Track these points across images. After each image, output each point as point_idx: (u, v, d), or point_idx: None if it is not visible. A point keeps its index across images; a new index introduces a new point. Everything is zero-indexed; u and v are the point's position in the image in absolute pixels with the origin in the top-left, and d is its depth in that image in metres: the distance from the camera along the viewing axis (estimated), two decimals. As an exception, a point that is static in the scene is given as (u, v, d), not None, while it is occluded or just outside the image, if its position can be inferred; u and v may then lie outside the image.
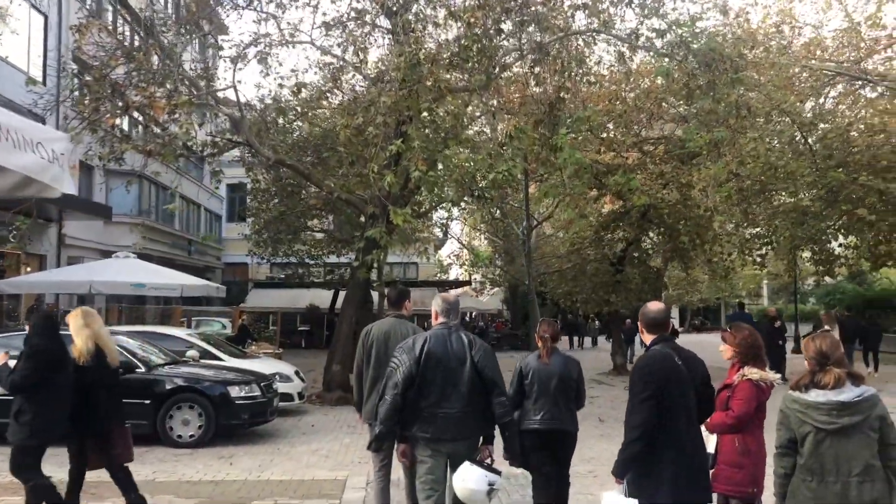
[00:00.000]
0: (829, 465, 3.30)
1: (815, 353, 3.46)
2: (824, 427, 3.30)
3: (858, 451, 3.28)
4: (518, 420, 5.16)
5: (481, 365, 4.39)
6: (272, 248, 26.77)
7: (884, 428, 3.33)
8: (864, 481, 3.26)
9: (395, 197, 13.91)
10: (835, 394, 3.32)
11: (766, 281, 49.03)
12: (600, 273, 20.69)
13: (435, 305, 4.75)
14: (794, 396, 3.44)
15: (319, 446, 9.20)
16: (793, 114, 15.22)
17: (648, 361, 3.96)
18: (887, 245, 18.73)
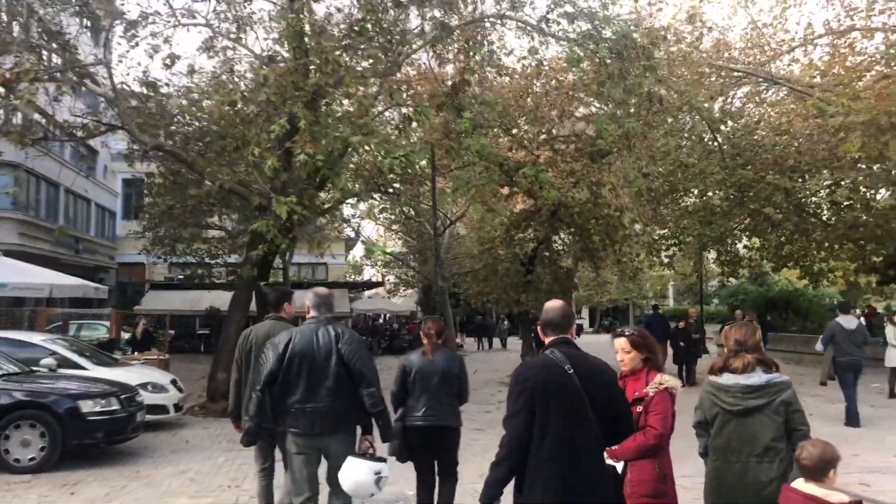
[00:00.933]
0: (733, 444, 3.45)
1: (734, 340, 3.63)
2: (730, 408, 3.48)
3: (760, 433, 3.40)
4: (402, 417, 5.25)
5: (347, 357, 4.40)
6: (169, 247, 24.93)
7: (789, 413, 3.45)
8: (763, 462, 3.39)
9: (298, 189, 12.91)
10: (744, 378, 3.48)
11: (672, 282, 50.22)
12: (511, 273, 20.15)
13: (307, 300, 4.73)
14: (710, 380, 3.64)
15: (188, 467, 8.04)
16: (702, 111, 15.07)
17: (524, 369, 3.24)
18: (790, 245, 19.01)
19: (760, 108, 17.86)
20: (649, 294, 52.35)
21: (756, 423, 3.45)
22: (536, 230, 20.49)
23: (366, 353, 4.55)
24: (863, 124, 13.34)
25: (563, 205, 18.38)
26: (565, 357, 3.17)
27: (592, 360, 3.28)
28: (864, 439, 9.44)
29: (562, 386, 3.09)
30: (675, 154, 13.68)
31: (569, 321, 3.38)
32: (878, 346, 14.97)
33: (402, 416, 5.28)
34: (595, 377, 3.21)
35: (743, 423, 3.47)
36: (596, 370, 3.25)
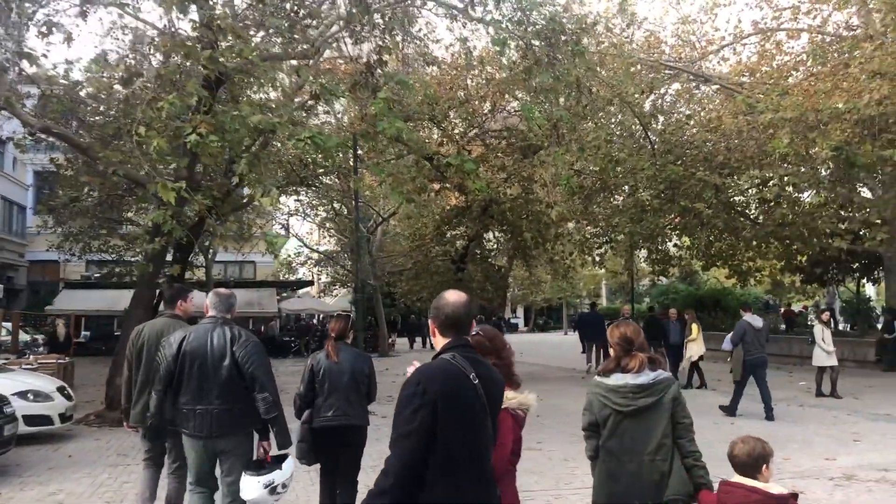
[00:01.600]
0: (626, 445, 3.38)
1: (620, 338, 3.53)
2: (622, 409, 3.40)
3: (652, 431, 3.37)
4: (310, 418, 5.17)
5: (242, 360, 4.33)
6: (84, 244, 23.30)
7: (675, 408, 3.42)
8: (655, 459, 3.35)
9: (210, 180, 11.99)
10: (633, 377, 3.41)
11: (605, 281, 50.65)
12: (442, 271, 19.59)
13: (207, 299, 4.69)
14: (597, 381, 3.53)
15: (60, 487, 7.08)
16: (633, 105, 14.79)
17: (421, 377, 2.52)
18: (720, 243, 19.02)
19: (691, 105, 17.77)
20: (583, 293, 52.68)
21: (648, 421, 3.41)
22: (468, 227, 20.02)
23: (261, 357, 4.45)
24: (791, 121, 13.26)
25: (494, 201, 17.93)
26: (468, 363, 2.55)
27: (489, 367, 2.72)
28: (793, 440, 9.18)
29: (468, 399, 2.49)
30: (605, 149, 13.35)
31: (471, 320, 2.79)
32: (807, 345, 15.00)
33: (311, 417, 5.19)
34: (496, 389, 2.68)
35: (635, 422, 3.41)
36: (496, 380, 2.71)
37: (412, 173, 17.29)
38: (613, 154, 13.91)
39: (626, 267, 23.77)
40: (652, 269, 23.18)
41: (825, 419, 10.79)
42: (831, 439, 9.18)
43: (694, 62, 17.94)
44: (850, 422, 10.51)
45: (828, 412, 11.40)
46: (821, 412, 11.47)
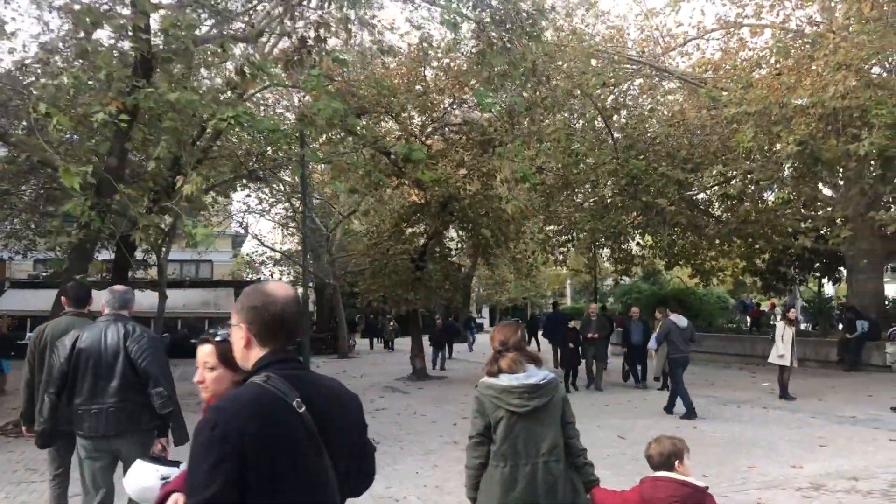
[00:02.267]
0: (520, 447, 3.31)
1: (498, 340, 3.49)
2: (517, 410, 3.33)
3: (546, 432, 3.33)
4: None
5: (135, 356, 4.25)
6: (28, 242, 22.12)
7: (564, 407, 3.43)
8: (550, 461, 3.30)
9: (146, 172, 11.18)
10: (525, 377, 3.36)
11: (569, 281, 50.48)
12: (400, 270, 18.87)
13: (102, 297, 4.58)
14: (488, 382, 3.43)
15: (-53, 510, 6.30)
16: (594, 97, 14.30)
17: (222, 416, 1.76)
18: (683, 241, 18.71)
19: (654, 99, 17.38)
20: (548, 293, 52.44)
21: (541, 422, 3.35)
22: (427, 225, 19.38)
23: (156, 352, 4.34)
24: (755, 115, 12.91)
25: (453, 198, 17.33)
26: (289, 385, 1.86)
27: (329, 385, 2.04)
28: (757, 446, 8.73)
29: (289, 437, 1.80)
30: (566, 142, 12.86)
31: (297, 321, 2.05)
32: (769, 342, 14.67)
33: None
34: (338, 411, 1.98)
35: (529, 424, 3.34)
36: (337, 399, 2.01)
37: (367, 167, 16.66)
38: (574, 148, 13.40)
39: (589, 266, 23.40)
40: (615, 268, 22.86)
41: (789, 422, 10.39)
42: (797, 445, 8.75)
43: (657, 57, 17.60)
44: (815, 425, 10.11)
45: (792, 415, 11.02)
46: (785, 415, 11.08)
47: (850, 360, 16.54)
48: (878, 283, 18.31)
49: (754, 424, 10.27)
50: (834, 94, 11.41)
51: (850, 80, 11.41)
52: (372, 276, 20.04)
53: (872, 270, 17.76)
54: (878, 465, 7.58)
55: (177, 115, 6.90)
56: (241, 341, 1.96)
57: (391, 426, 11.05)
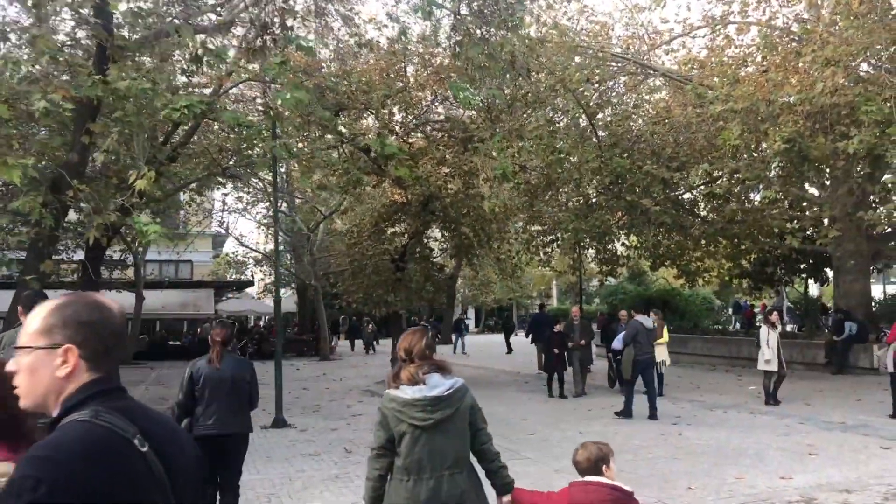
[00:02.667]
0: (424, 461, 3.22)
1: (402, 349, 3.40)
2: (420, 423, 3.22)
3: (451, 444, 3.26)
4: (190, 426, 5.07)
5: None
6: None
7: (472, 414, 3.36)
8: (454, 473, 3.24)
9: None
10: (429, 389, 3.26)
11: (555, 281, 50.21)
12: (380, 270, 18.45)
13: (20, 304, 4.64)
14: (391, 395, 3.30)
15: None
16: (577, 93, 13.92)
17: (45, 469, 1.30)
18: (668, 241, 18.38)
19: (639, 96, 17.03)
20: (533, 294, 52.14)
21: (446, 434, 3.26)
22: (408, 224, 18.98)
23: None
24: (741, 112, 12.58)
25: (434, 197, 16.95)
26: (125, 419, 1.44)
27: (160, 417, 1.61)
28: (745, 455, 8.37)
29: (135, 482, 1.39)
30: (548, 139, 12.48)
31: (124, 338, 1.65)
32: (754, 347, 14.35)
33: (190, 426, 5.09)
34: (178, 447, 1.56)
35: (434, 436, 3.23)
36: (173, 433, 1.61)
37: (346, 165, 16.19)
38: (557, 145, 13.01)
39: (574, 266, 23.06)
40: (600, 269, 22.54)
41: (777, 429, 10.05)
42: (785, 453, 8.39)
43: (642, 55, 17.27)
44: (803, 431, 9.78)
45: (779, 420, 10.68)
46: (772, 420, 10.74)
47: (838, 363, 16.28)
48: (865, 284, 18.08)
49: (741, 431, 9.92)
50: (822, 91, 11.09)
51: (838, 77, 11.10)
52: (351, 276, 19.62)
53: (859, 271, 17.53)
54: (871, 476, 7.23)
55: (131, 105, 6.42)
56: (61, 370, 1.47)
57: (365, 433, 10.59)
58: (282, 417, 11.31)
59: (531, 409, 12.61)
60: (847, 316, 16.20)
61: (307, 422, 11.84)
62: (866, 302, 17.90)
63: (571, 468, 8.40)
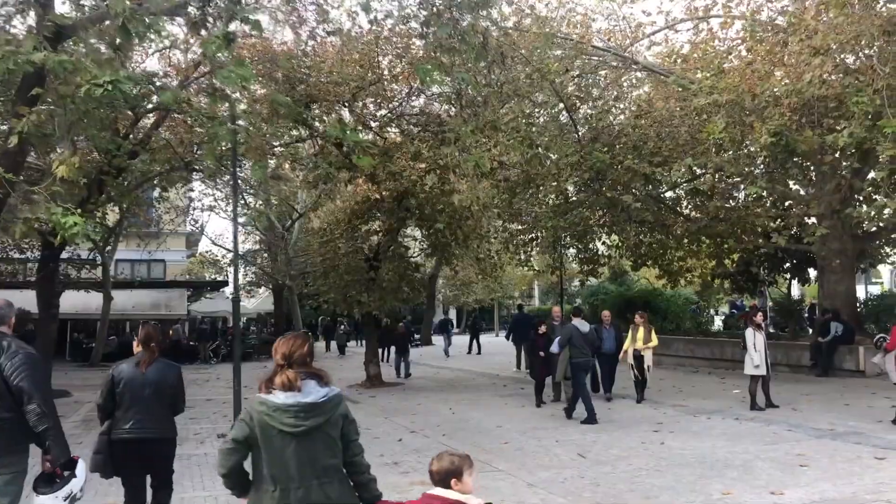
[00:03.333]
0: (293, 470, 3.14)
1: (280, 353, 3.27)
2: (291, 430, 3.13)
3: (321, 453, 3.20)
4: (109, 430, 5.10)
5: (8, 372, 4.12)
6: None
7: (346, 425, 3.30)
8: (324, 483, 3.19)
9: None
10: (302, 395, 3.17)
11: (537, 281, 49.72)
12: (353, 269, 17.74)
13: None
14: (261, 399, 3.19)
15: None
16: (556, 85, 13.33)
17: None
18: (649, 238, 17.86)
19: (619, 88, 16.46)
20: (515, 294, 51.61)
21: (317, 442, 3.19)
22: (382, 221, 18.30)
23: (31, 368, 4.15)
24: (726, 105, 12.06)
25: (408, 193, 16.29)
26: None
27: None
28: (731, 466, 7.81)
29: None
30: (525, 132, 11.88)
31: None
32: (739, 349, 13.85)
33: (109, 429, 5.09)
34: None
35: (304, 444, 3.16)
36: None
37: (316, 160, 15.51)
38: (534, 138, 12.41)
39: (553, 265, 22.52)
40: (580, 268, 22.02)
41: (765, 436, 9.51)
42: (775, 464, 7.84)
43: (624, 48, 16.74)
44: (792, 439, 9.24)
45: (766, 427, 10.14)
46: (759, 427, 10.20)
47: (823, 365, 15.83)
48: (850, 285, 17.68)
49: (727, 439, 9.36)
50: (811, 81, 10.57)
51: (827, 66, 10.60)
52: (323, 276, 18.89)
53: (844, 271, 17.11)
54: (867, 491, 6.68)
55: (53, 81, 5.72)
56: None
57: (329, 443, 9.95)
58: (241, 425, 10.62)
59: (507, 415, 12.01)
60: (835, 316, 15.75)
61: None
62: (851, 302, 17.48)
63: (546, 482, 7.75)
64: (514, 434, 10.26)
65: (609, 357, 13.50)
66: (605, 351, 13.37)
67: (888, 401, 11.90)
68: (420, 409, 13.24)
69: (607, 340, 13.44)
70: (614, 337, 13.57)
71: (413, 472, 8.00)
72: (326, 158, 15.28)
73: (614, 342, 13.50)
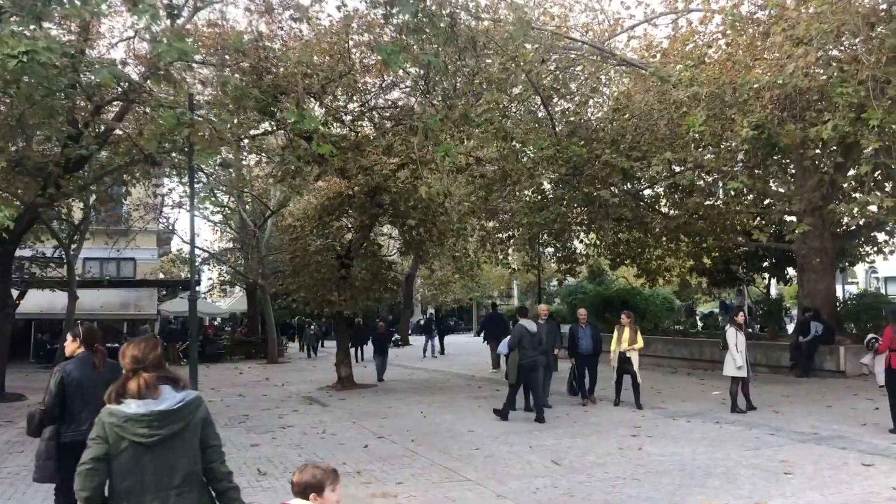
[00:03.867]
0: (148, 481, 2.98)
1: (130, 358, 3.13)
2: (144, 441, 2.97)
3: (180, 461, 3.04)
4: (56, 433, 4.97)
5: None
6: None
7: (205, 429, 3.16)
8: (183, 492, 3.04)
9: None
10: (156, 403, 3.01)
11: (516, 281, 49.37)
12: (323, 267, 17.15)
13: None
14: (111, 410, 3.04)
15: None
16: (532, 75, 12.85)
17: None
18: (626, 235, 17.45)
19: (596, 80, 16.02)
20: (494, 293, 51.21)
21: (174, 451, 3.00)
22: (354, 218, 17.73)
23: None
24: (706, 97, 11.67)
25: (380, 188, 15.76)
26: None
27: None
28: (712, 475, 7.38)
29: None
30: (499, 123, 11.42)
31: None
32: (719, 350, 13.48)
33: (57, 434, 4.97)
34: None
35: (159, 454, 2.97)
36: None
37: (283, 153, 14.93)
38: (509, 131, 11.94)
39: (530, 264, 22.10)
40: (558, 267, 21.62)
41: (747, 441, 9.10)
42: (758, 472, 7.42)
43: (603, 42, 16.33)
44: (774, 445, 8.84)
45: (748, 431, 9.74)
46: (740, 431, 9.80)
47: (803, 366, 15.52)
48: (830, 284, 17.41)
49: (707, 444, 8.94)
50: (793, 72, 10.19)
51: (811, 56, 10.23)
52: (292, 274, 18.29)
53: (824, 270, 16.84)
54: (856, 501, 6.29)
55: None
56: None
57: (289, 450, 9.38)
58: (198, 431, 10.03)
59: (480, 419, 11.50)
60: (816, 316, 15.45)
61: (227, 435, 10.55)
62: (831, 302, 17.22)
63: (517, 492, 7.22)
64: (486, 439, 9.77)
65: (586, 357, 12.90)
66: (582, 351, 12.85)
67: (870, 402, 11.62)
68: (390, 413, 12.71)
69: (583, 340, 12.88)
70: (591, 336, 12.92)
71: (375, 483, 7.48)
72: (295, 152, 14.71)
73: (591, 342, 12.89)
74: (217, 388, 17.75)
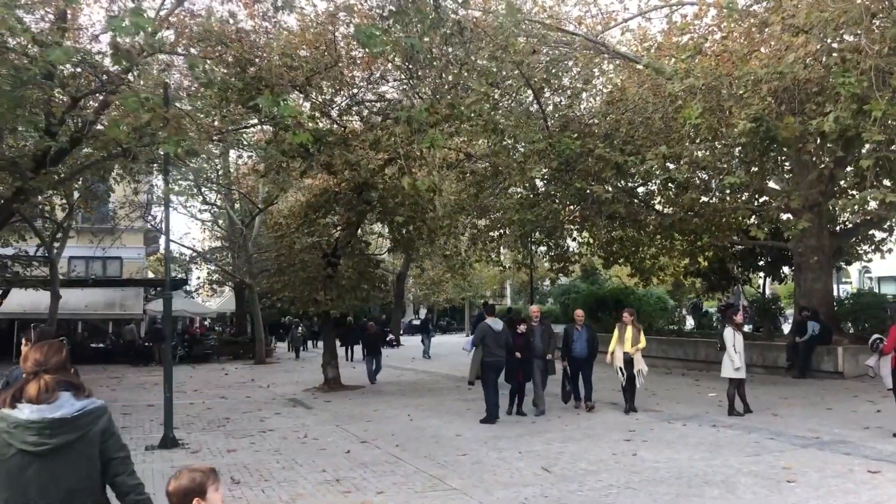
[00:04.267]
0: (33, 493, 2.80)
1: (32, 361, 2.96)
2: (33, 449, 2.79)
3: (69, 474, 2.85)
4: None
5: None
6: None
7: (107, 441, 2.96)
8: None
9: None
10: (51, 410, 2.83)
11: (509, 281, 49.01)
12: (309, 266, 16.71)
13: None
14: (2, 414, 2.85)
15: None
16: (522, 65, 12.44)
17: None
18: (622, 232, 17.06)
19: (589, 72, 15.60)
20: (486, 293, 50.85)
21: (65, 463, 2.81)
22: (340, 215, 17.29)
23: None
24: (702, 89, 11.28)
25: (367, 184, 15.32)
26: None
27: None
28: (711, 483, 6.98)
29: None
30: (488, 115, 11.02)
31: None
32: (715, 350, 13.12)
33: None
34: None
35: (48, 465, 2.78)
36: None
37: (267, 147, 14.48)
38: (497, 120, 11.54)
39: (521, 263, 21.69)
40: (551, 266, 21.23)
41: (746, 446, 8.71)
42: (759, 480, 7.02)
43: (596, 35, 15.94)
44: (775, 450, 8.45)
45: (747, 436, 9.35)
46: (739, 436, 9.41)
47: (801, 366, 15.16)
48: (827, 283, 17.06)
49: (705, 449, 8.54)
50: (794, 61, 9.81)
51: (811, 45, 9.85)
52: (278, 273, 17.84)
53: (821, 269, 16.49)
54: (865, 513, 5.90)
55: None
56: None
57: (267, 455, 8.93)
58: (171, 435, 9.57)
59: (468, 424, 11.07)
60: (813, 315, 15.09)
61: (205, 440, 10.12)
62: (828, 301, 16.86)
63: (504, 502, 6.75)
64: (474, 444, 9.36)
65: (580, 361, 12.19)
66: (576, 355, 12.23)
67: (871, 405, 11.26)
68: (376, 416, 12.28)
69: (578, 342, 12.27)
70: (586, 339, 12.25)
71: (356, 492, 7.05)
72: (279, 146, 14.26)
73: (586, 344, 12.21)
74: (200, 390, 17.30)
